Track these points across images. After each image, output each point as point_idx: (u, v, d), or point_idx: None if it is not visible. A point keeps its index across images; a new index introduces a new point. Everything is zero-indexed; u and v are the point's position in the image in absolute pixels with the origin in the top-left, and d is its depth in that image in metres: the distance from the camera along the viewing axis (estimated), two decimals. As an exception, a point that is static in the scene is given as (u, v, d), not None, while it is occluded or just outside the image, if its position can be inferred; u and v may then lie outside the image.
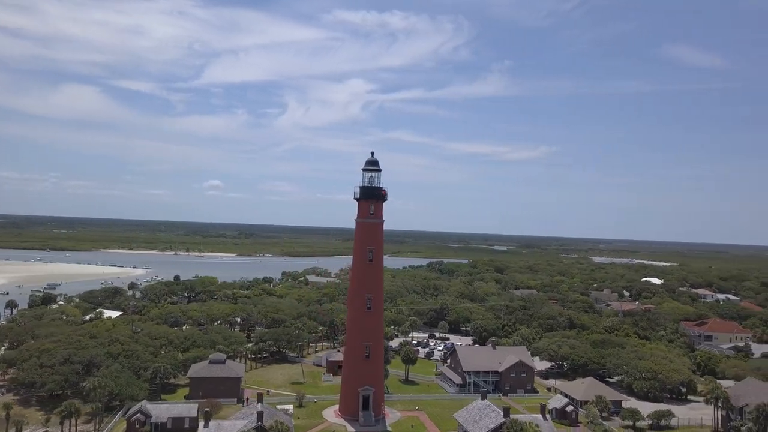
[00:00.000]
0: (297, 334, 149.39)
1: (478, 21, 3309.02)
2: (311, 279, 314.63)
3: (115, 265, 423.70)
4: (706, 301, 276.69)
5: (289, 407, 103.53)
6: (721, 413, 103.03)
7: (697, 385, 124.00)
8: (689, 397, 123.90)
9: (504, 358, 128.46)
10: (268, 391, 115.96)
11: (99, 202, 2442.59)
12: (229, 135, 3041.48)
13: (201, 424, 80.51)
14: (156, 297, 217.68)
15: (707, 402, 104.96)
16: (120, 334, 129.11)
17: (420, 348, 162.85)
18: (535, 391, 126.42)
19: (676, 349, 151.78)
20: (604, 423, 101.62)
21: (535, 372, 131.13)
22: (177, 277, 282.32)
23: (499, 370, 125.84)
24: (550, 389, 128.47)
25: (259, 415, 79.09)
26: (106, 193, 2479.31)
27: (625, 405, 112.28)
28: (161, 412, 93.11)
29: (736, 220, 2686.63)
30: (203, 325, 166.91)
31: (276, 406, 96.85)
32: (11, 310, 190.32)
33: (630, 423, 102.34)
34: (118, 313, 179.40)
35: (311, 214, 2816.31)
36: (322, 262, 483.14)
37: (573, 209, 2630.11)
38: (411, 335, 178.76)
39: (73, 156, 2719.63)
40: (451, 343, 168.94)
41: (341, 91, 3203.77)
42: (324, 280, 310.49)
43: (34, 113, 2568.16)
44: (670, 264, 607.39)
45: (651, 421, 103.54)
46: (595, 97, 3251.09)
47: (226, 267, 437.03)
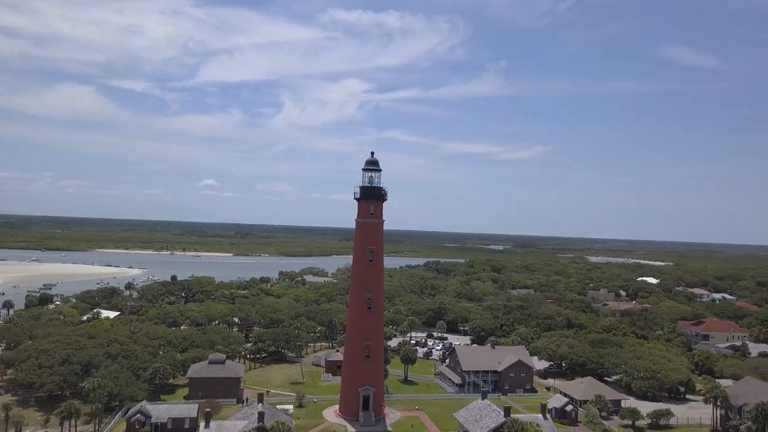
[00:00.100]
0: (296, 334, 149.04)
1: (474, 21, 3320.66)
2: (308, 279, 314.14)
3: (111, 265, 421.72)
4: (703, 300, 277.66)
5: (290, 407, 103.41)
6: (720, 412, 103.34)
7: (696, 385, 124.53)
8: (688, 396, 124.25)
9: (503, 357, 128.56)
10: (267, 391, 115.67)
11: (94, 202, 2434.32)
12: (224, 134, 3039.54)
13: (201, 424, 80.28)
14: (153, 297, 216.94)
15: (706, 401, 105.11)
16: (118, 335, 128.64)
17: (418, 348, 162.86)
18: (534, 390, 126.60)
19: (673, 348, 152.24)
20: (603, 422, 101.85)
21: (534, 371, 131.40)
22: (174, 277, 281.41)
23: (499, 370, 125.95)
24: (549, 389, 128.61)
25: (260, 415, 78.91)
26: (101, 192, 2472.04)
27: (624, 404, 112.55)
28: (161, 412, 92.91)
29: (735, 220, 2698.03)
30: (201, 325, 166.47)
31: (276, 407, 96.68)
32: (8, 311, 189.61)
33: (629, 422, 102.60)
34: (116, 313, 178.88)
35: (307, 213, 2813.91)
36: (318, 262, 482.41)
37: (573, 209, 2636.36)
38: (409, 335, 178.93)
39: (68, 155, 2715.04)
40: (450, 343, 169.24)
41: (337, 90, 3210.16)
42: (321, 279, 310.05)
43: (29, 113, 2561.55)
44: (666, 263, 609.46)
45: (650, 421, 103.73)
46: (595, 96, 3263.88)
47: (222, 267, 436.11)
